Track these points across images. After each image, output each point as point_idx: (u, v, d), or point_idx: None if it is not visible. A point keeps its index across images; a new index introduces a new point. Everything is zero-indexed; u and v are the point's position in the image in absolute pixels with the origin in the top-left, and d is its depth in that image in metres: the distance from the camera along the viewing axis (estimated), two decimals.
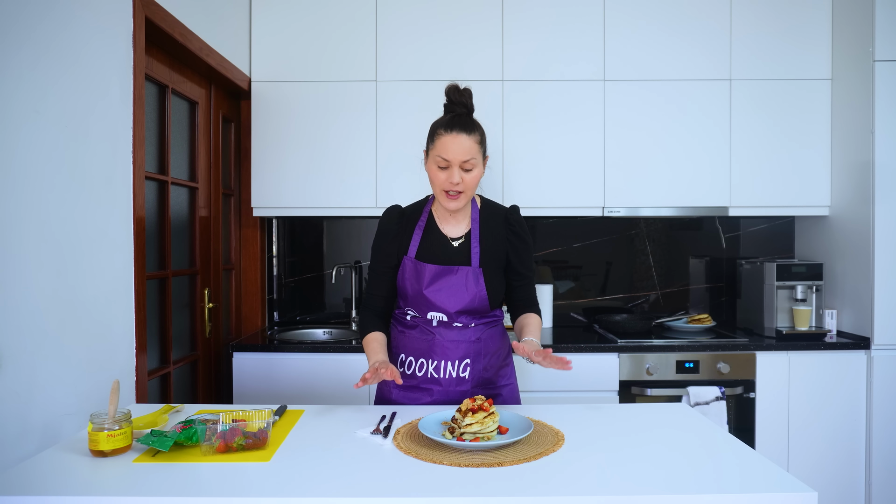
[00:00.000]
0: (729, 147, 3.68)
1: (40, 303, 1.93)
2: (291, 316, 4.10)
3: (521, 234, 2.31)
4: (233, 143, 3.75)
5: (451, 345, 2.24)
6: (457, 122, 2.20)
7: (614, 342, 3.39)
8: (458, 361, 2.25)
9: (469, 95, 2.27)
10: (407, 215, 2.34)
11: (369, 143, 3.64)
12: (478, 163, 2.18)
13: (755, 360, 3.35)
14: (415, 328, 2.29)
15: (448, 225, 2.30)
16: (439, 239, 2.28)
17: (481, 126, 2.26)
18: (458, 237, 2.29)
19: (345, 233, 4.10)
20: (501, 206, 2.38)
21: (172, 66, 2.97)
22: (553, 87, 3.66)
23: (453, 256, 2.26)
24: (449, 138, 2.17)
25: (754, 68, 3.68)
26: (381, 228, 2.33)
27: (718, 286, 4.12)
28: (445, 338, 2.25)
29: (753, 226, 4.11)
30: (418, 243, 2.28)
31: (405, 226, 2.31)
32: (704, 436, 1.86)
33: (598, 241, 4.08)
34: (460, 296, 2.22)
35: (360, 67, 3.65)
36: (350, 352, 3.30)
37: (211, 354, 3.38)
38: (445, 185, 2.18)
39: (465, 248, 2.27)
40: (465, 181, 2.17)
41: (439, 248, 2.27)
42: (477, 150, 2.18)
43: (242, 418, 1.81)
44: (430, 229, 2.30)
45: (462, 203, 2.20)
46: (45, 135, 1.95)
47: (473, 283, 2.23)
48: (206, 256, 3.34)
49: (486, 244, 2.27)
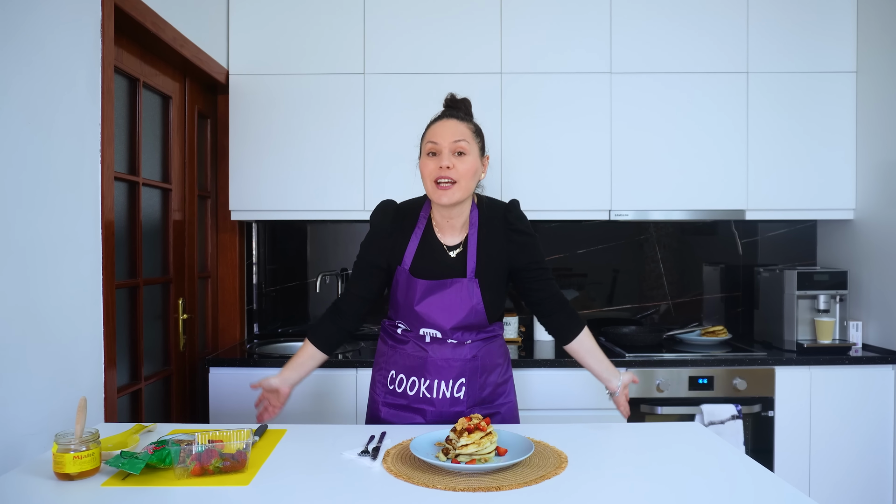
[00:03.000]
0: (745, 145, 3.70)
1: (0, 313, 1.93)
2: (272, 328, 4.10)
3: (522, 229, 2.30)
4: (209, 140, 3.76)
5: (445, 363, 2.24)
6: (448, 112, 2.26)
7: (622, 356, 3.40)
8: (452, 381, 2.25)
9: (468, 104, 2.32)
10: (404, 215, 2.32)
11: (357, 141, 3.66)
12: (471, 150, 2.18)
13: (774, 375, 3.36)
14: (406, 343, 2.29)
15: (445, 233, 2.30)
16: (436, 248, 2.28)
17: (479, 127, 2.30)
18: (456, 245, 2.28)
19: (330, 238, 4.11)
20: (501, 202, 2.37)
21: (144, 58, 2.98)
22: (556, 80, 3.68)
23: (449, 268, 2.26)
24: (438, 124, 2.22)
25: (773, 60, 3.71)
26: (375, 226, 2.32)
27: (734, 296, 4.14)
28: (439, 355, 2.24)
29: (772, 230, 4.13)
30: (414, 253, 2.27)
31: (401, 228, 2.30)
32: (719, 457, 1.87)
33: (604, 247, 4.10)
34: (455, 311, 2.22)
35: (347, 59, 3.67)
36: (337, 367, 3.30)
37: (185, 370, 3.38)
38: (434, 172, 2.16)
39: (462, 258, 2.27)
40: (457, 168, 2.15)
41: (435, 259, 2.27)
42: (470, 136, 2.19)
43: (219, 439, 1.81)
44: (427, 237, 2.29)
45: (454, 197, 2.17)
46: (5, 131, 1.96)
47: (468, 296, 2.22)
48: (181, 264, 3.35)
49: (485, 251, 2.26)
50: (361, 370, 3.28)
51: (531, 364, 3.30)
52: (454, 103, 2.30)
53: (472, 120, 2.27)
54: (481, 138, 2.26)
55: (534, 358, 3.34)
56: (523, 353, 3.50)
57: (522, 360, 3.31)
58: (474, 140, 2.21)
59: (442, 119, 2.23)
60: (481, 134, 2.27)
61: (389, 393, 2.31)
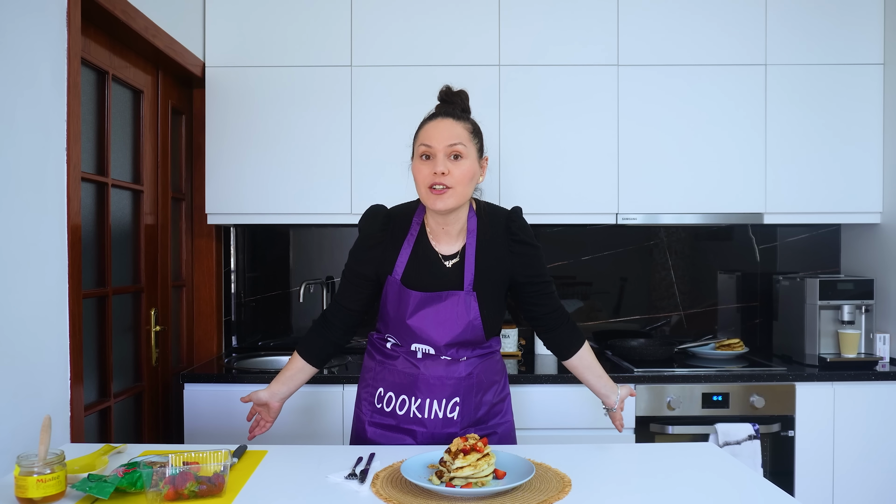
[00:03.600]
0: (763, 143, 3.70)
1: None
2: (252, 341, 4.10)
3: (526, 240, 2.30)
4: (184, 138, 3.76)
5: (438, 382, 2.24)
6: (443, 110, 2.24)
7: (629, 371, 3.40)
8: (445, 400, 2.25)
9: (465, 97, 2.31)
10: (395, 221, 2.32)
11: (343, 138, 3.66)
12: (469, 153, 2.17)
13: (794, 392, 3.37)
14: (395, 359, 2.29)
15: (441, 241, 2.29)
16: (430, 258, 2.27)
17: (478, 124, 2.29)
18: (452, 255, 2.28)
19: (315, 244, 4.11)
20: (502, 209, 2.37)
21: (113, 49, 2.98)
22: (558, 73, 3.69)
23: (445, 279, 2.26)
24: (432, 124, 2.20)
25: (793, 51, 3.71)
26: (363, 232, 2.33)
27: (751, 306, 4.15)
28: (431, 373, 2.24)
29: (792, 235, 4.14)
30: (406, 263, 2.26)
31: (392, 235, 2.30)
32: (735, 481, 1.87)
33: (611, 253, 4.11)
34: (450, 326, 2.22)
35: (333, 50, 3.67)
36: (322, 383, 3.30)
37: (158, 386, 3.38)
38: (428, 178, 2.15)
39: (459, 268, 2.27)
40: (453, 173, 2.14)
41: (430, 269, 2.26)
42: (467, 138, 2.18)
43: (195, 461, 1.81)
44: (421, 245, 2.28)
45: (450, 203, 2.16)
46: None
47: (465, 311, 2.22)
48: (153, 271, 3.35)
49: (484, 261, 2.26)
50: (349, 386, 3.28)
51: (531, 380, 3.30)
52: (449, 97, 2.30)
53: (469, 117, 2.26)
54: (480, 138, 2.25)
55: (534, 373, 3.35)
56: (523, 367, 3.52)
57: (522, 376, 3.32)
58: (472, 141, 2.20)
59: (436, 118, 2.21)
60: (480, 133, 2.27)
61: (377, 412, 2.31)
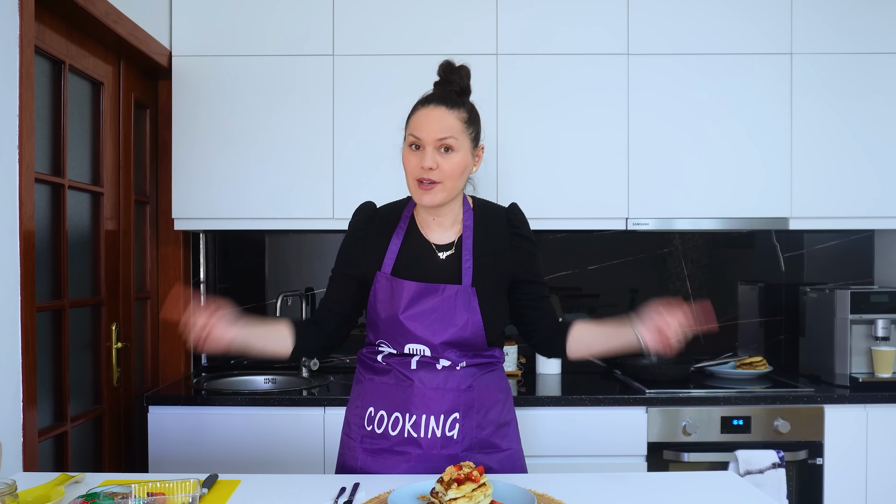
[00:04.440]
0: (789, 140, 3.70)
1: None
2: (224, 359, 4.10)
3: (528, 235, 2.35)
4: (148, 135, 3.76)
5: (435, 394, 2.23)
6: (436, 96, 2.26)
7: (641, 393, 3.42)
8: (443, 416, 2.24)
9: (465, 74, 2.31)
10: (383, 216, 2.36)
11: (325, 135, 3.66)
12: (461, 145, 2.20)
13: (823, 415, 3.38)
14: (387, 373, 2.29)
15: (433, 231, 2.33)
16: (422, 248, 2.31)
17: (475, 108, 2.31)
18: (447, 245, 2.31)
19: (293, 252, 4.12)
20: (499, 205, 2.41)
21: (71, 37, 2.98)
22: (562, 63, 3.69)
23: (440, 271, 2.28)
24: (423, 112, 2.23)
25: (822, 39, 3.71)
26: (349, 229, 2.38)
27: (775, 320, 4.16)
28: (427, 384, 2.24)
29: (821, 242, 4.16)
30: (396, 254, 2.29)
31: (380, 229, 2.33)
32: None
33: (621, 262, 4.12)
34: (447, 322, 2.23)
35: (313, 38, 3.67)
36: (300, 405, 3.31)
37: (120, 409, 3.38)
38: (417, 170, 2.19)
39: (455, 261, 2.29)
40: (442, 167, 2.18)
41: (422, 259, 2.29)
42: (460, 130, 2.21)
43: (161, 491, 1.82)
44: (411, 236, 2.32)
45: (438, 199, 2.20)
46: None
47: (464, 307, 2.23)
48: (114, 282, 3.35)
49: (483, 255, 2.29)
50: (330, 409, 3.29)
51: (534, 402, 3.32)
52: (449, 74, 2.30)
53: (464, 104, 2.27)
54: (475, 126, 2.28)
55: (536, 395, 3.36)
56: (524, 388, 3.53)
57: (523, 398, 3.33)
58: (464, 132, 2.22)
59: (428, 106, 2.23)
60: (475, 121, 2.29)
61: (367, 435, 2.30)
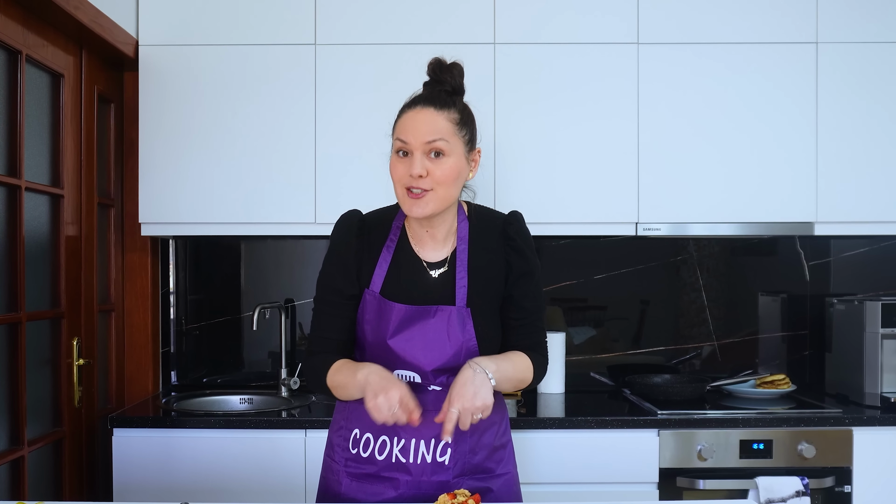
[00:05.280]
0: (814, 137, 3.71)
1: None
2: (196, 377, 4.12)
3: (521, 249, 2.36)
4: (113, 131, 3.77)
5: (425, 417, 2.22)
6: (423, 96, 2.28)
7: (652, 414, 3.43)
8: (434, 440, 2.27)
9: (458, 73, 2.33)
10: (370, 226, 2.37)
11: (306, 131, 3.68)
12: (452, 149, 2.21)
13: (852, 439, 3.40)
14: None
15: (425, 246, 2.35)
16: (414, 266, 2.33)
17: (469, 108, 2.33)
18: (439, 263, 2.33)
19: (271, 260, 4.14)
20: (498, 213, 2.43)
21: (28, 25, 2.99)
22: (565, 52, 3.70)
23: (432, 291, 2.30)
24: (409, 115, 2.25)
25: (851, 26, 3.72)
26: (335, 243, 2.37)
27: (799, 335, 4.18)
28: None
29: (849, 249, 4.17)
30: (385, 272, 2.31)
31: (369, 242, 2.34)
32: None
33: (630, 271, 4.14)
34: (440, 347, 2.25)
35: (294, 25, 3.68)
36: (280, 427, 3.33)
37: (82, 431, 3.37)
38: (405, 178, 2.20)
39: (449, 279, 2.31)
40: (433, 173, 2.19)
41: (413, 279, 2.31)
42: (451, 132, 2.22)
43: None
44: (402, 252, 2.34)
45: (429, 208, 2.21)
46: None
47: (459, 330, 2.25)
48: (76, 293, 3.35)
49: (479, 272, 2.31)
50: (312, 432, 3.31)
51: (534, 424, 3.34)
52: (439, 73, 2.32)
53: (457, 104, 2.29)
54: (469, 128, 2.30)
55: (537, 416, 3.38)
56: (523, 409, 3.54)
57: (522, 420, 3.35)
58: (457, 135, 2.24)
59: (415, 108, 2.25)
60: (470, 122, 2.31)
61: (352, 459, 2.33)
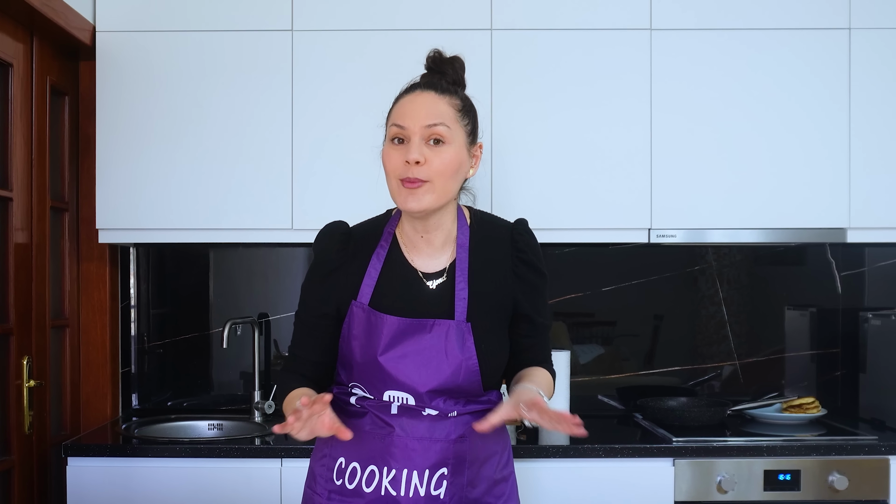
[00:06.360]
0: (847, 135, 3.76)
1: None
2: (159, 400, 4.17)
3: (533, 261, 2.41)
4: (67, 127, 3.82)
5: (419, 445, 2.29)
6: (423, 81, 2.35)
7: (667, 441, 3.48)
8: (428, 471, 2.29)
9: (459, 66, 2.41)
10: (358, 237, 2.41)
11: (282, 128, 3.72)
12: (453, 137, 2.25)
13: (888, 469, 3.45)
14: (362, 417, 2.34)
15: (421, 254, 2.39)
16: (408, 276, 2.37)
17: (471, 100, 2.39)
18: (437, 273, 2.38)
19: (243, 270, 4.19)
20: (503, 221, 2.48)
21: None
22: (570, 40, 3.75)
23: (428, 303, 2.34)
24: (408, 99, 2.31)
25: (886, 11, 3.77)
26: (317, 255, 2.42)
27: (831, 353, 4.23)
28: (410, 434, 2.29)
29: (886, 258, 4.23)
30: (375, 281, 2.34)
31: (355, 253, 2.38)
32: None
33: (642, 282, 4.19)
34: (436, 366, 2.27)
35: (269, 10, 3.72)
36: (253, 456, 3.37)
37: (33, 460, 3.39)
38: (400, 167, 2.23)
39: (447, 290, 2.35)
40: (431, 162, 2.22)
41: (407, 289, 2.35)
42: (452, 118, 2.27)
43: None
44: (395, 261, 2.38)
45: (426, 201, 2.23)
46: None
47: (458, 347, 2.28)
48: (26, 307, 3.38)
49: (480, 283, 2.35)
50: (289, 461, 3.35)
51: (536, 453, 3.39)
52: (439, 64, 2.38)
53: (458, 92, 2.35)
54: (471, 118, 2.35)
55: (539, 444, 3.44)
56: (523, 436, 3.58)
57: (524, 448, 3.39)
58: (459, 122, 2.28)
59: (414, 91, 2.30)
60: (472, 112, 2.37)
61: (336, 490, 2.36)
